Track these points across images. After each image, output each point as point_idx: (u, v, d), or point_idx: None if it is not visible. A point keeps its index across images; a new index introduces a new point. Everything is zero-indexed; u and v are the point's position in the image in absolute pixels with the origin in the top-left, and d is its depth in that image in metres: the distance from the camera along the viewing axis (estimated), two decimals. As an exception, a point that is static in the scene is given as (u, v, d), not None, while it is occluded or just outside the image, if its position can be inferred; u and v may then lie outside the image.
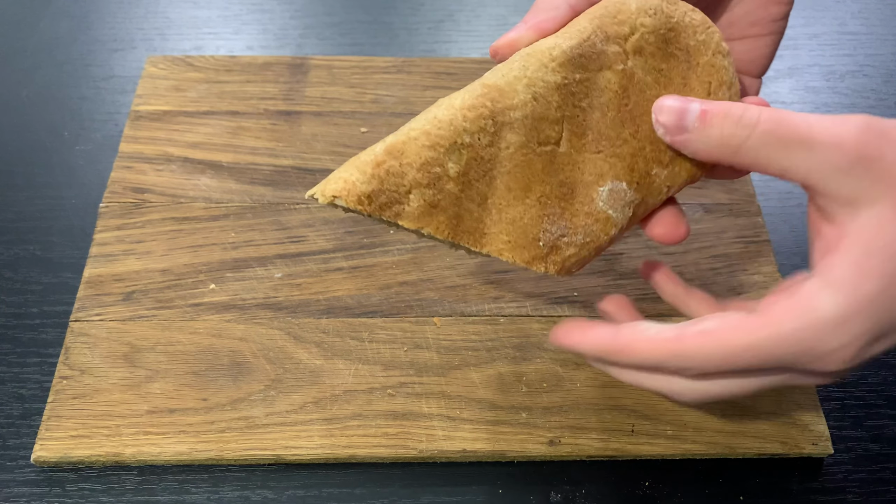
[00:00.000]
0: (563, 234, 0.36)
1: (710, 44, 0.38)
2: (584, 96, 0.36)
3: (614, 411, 0.48)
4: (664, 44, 0.37)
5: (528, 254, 0.36)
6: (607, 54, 0.36)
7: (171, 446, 0.46)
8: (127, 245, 0.55)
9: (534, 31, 0.37)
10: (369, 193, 0.35)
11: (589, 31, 0.36)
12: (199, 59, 0.66)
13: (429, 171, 0.35)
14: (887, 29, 0.74)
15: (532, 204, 0.36)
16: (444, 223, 0.36)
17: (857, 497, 0.47)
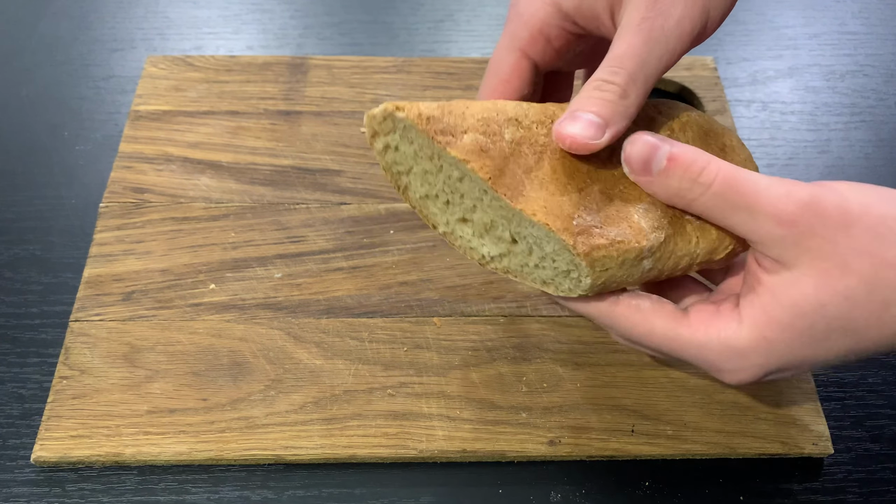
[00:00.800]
0: (596, 225, 0.36)
1: (744, 152, 0.41)
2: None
3: (614, 411, 0.48)
4: (705, 136, 0.40)
5: (561, 224, 0.36)
6: (656, 123, 0.40)
7: (171, 446, 0.46)
8: (127, 245, 0.55)
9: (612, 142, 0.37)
10: (429, 116, 0.36)
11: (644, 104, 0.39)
12: (199, 59, 0.66)
13: (487, 126, 0.36)
14: (887, 29, 0.74)
15: (573, 191, 0.36)
16: (488, 166, 0.36)
17: (856, 497, 0.47)
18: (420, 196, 0.39)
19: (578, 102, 0.36)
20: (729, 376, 0.36)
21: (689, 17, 0.36)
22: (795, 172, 0.62)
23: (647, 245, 0.36)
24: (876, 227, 0.32)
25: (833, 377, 0.51)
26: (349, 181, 0.59)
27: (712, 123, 0.42)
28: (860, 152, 0.64)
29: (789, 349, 0.34)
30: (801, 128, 0.66)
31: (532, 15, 0.40)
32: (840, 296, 0.32)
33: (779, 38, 0.73)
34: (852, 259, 0.32)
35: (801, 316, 0.33)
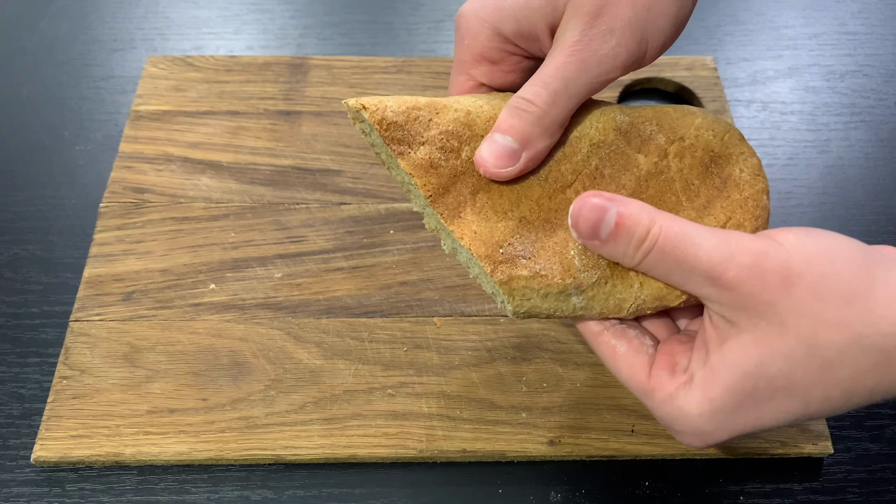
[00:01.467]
0: (524, 255, 0.37)
1: (752, 188, 0.38)
2: (610, 163, 0.38)
3: (614, 411, 0.48)
4: (709, 163, 0.39)
5: (485, 250, 0.36)
6: (652, 143, 0.38)
7: (171, 446, 0.46)
8: (127, 245, 0.55)
9: (529, 167, 0.38)
10: (391, 122, 0.37)
11: (650, 116, 0.39)
12: (199, 59, 0.66)
13: (448, 140, 0.37)
14: (887, 29, 0.74)
15: (512, 218, 0.37)
16: (432, 184, 0.37)
17: (856, 497, 0.47)
18: (395, 174, 0.40)
19: (499, 122, 0.37)
20: (681, 437, 0.36)
21: (624, 46, 0.36)
22: (795, 172, 0.62)
23: (571, 283, 0.36)
24: (817, 286, 0.31)
25: (833, 377, 0.51)
26: (349, 181, 0.59)
27: (728, 146, 0.39)
28: (860, 152, 0.64)
29: (735, 412, 0.34)
30: (801, 128, 0.66)
31: (472, 39, 0.40)
32: (780, 355, 0.32)
33: (779, 38, 0.73)
34: (791, 319, 0.32)
35: (744, 376, 0.33)
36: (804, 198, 0.61)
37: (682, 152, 0.39)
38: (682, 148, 0.39)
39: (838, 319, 0.31)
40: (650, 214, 0.34)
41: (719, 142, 0.39)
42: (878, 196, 0.61)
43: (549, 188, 0.38)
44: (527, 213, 0.37)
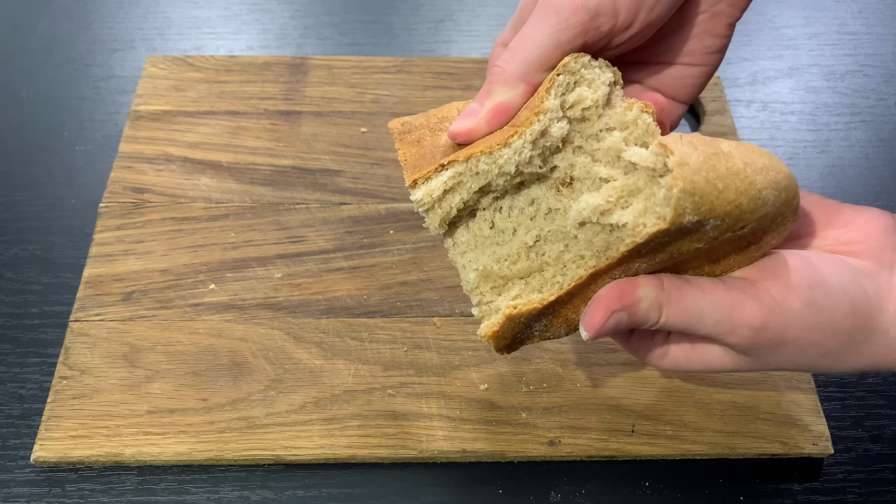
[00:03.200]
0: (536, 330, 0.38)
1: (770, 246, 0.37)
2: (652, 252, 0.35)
3: (614, 411, 0.48)
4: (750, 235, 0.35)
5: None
6: (701, 231, 0.34)
7: (171, 446, 0.46)
8: (127, 245, 0.55)
9: (491, 119, 0.37)
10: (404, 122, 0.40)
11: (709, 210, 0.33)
12: (199, 59, 0.66)
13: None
14: (887, 29, 0.74)
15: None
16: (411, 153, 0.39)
17: (857, 497, 0.47)
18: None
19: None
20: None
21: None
22: (796, 172, 0.62)
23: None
24: (802, 349, 0.36)
25: (833, 377, 0.51)
26: (349, 181, 0.59)
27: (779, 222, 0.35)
28: (860, 152, 0.64)
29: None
30: (801, 128, 0.66)
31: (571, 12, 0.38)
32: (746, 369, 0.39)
33: (779, 38, 0.73)
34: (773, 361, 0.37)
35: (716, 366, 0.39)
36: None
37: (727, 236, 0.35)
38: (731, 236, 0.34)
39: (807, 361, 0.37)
40: (658, 308, 0.35)
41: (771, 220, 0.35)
42: (879, 196, 0.61)
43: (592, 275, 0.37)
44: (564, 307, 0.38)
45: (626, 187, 0.34)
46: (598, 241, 0.35)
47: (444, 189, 0.36)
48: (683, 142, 0.32)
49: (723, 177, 0.32)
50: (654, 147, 0.32)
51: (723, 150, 0.33)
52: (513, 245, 0.37)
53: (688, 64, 0.42)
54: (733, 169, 0.32)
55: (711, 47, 0.41)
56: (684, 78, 0.42)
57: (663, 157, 0.32)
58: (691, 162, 0.31)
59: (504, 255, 0.37)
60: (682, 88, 0.43)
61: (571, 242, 0.36)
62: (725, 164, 0.32)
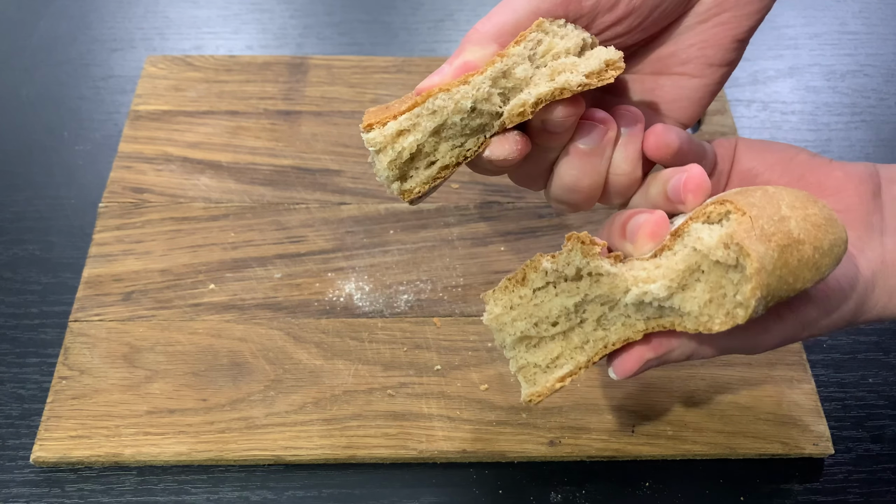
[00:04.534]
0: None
1: None
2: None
3: (614, 411, 0.48)
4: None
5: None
6: None
7: (171, 447, 0.46)
8: (126, 245, 0.54)
9: (458, 73, 0.36)
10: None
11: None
12: (199, 59, 0.66)
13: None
14: (888, 28, 0.74)
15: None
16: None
17: (857, 497, 0.47)
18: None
19: None
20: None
21: None
22: (796, 172, 0.62)
23: None
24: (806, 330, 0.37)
25: (833, 377, 0.51)
26: (349, 181, 0.59)
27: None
28: (860, 152, 0.64)
29: None
30: (802, 128, 0.66)
31: None
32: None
33: (779, 37, 0.73)
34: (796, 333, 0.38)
35: None
36: (805, 198, 0.61)
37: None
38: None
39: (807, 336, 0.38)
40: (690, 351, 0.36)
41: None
42: (879, 196, 0.61)
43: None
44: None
45: (688, 269, 0.33)
46: (649, 310, 0.34)
47: (399, 129, 0.35)
48: (755, 231, 0.31)
49: (794, 270, 0.32)
50: (723, 237, 0.31)
51: (793, 236, 0.32)
52: (553, 307, 0.36)
53: (686, 74, 0.40)
54: (804, 259, 0.32)
55: (713, 59, 0.39)
56: (682, 91, 0.40)
57: (736, 255, 0.31)
58: (767, 264, 0.31)
59: (543, 317, 0.36)
60: (680, 104, 0.40)
61: (618, 307, 0.35)
62: (797, 255, 0.32)
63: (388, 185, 0.36)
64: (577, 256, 0.35)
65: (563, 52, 0.35)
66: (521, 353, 0.37)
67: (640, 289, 0.34)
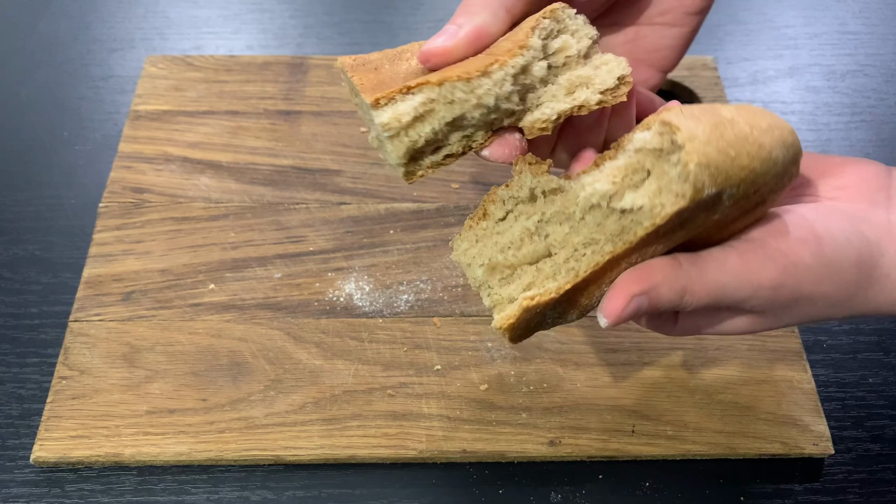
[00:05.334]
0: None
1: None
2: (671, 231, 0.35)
3: (614, 411, 0.48)
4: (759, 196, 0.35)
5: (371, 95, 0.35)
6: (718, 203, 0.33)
7: (171, 447, 0.46)
8: (126, 245, 0.54)
9: (470, 41, 0.36)
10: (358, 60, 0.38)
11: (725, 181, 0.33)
12: (199, 59, 0.66)
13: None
14: (888, 28, 0.74)
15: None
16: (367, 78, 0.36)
17: (857, 497, 0.47)
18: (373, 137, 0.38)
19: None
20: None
21: None
22: (796, 172, 0.62)
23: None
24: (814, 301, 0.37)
25: (833, 377, 0.51)
26: (349, 181, 0.59)
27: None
28: (860, 152, 0.64)
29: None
30: (802, 128, 0.66)
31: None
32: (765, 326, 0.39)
33: (779, 37, 0.73)
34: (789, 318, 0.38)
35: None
36: (805, 198, 0.61)
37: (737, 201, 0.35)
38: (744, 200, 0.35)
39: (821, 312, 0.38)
40: (681, 290, 0.35)
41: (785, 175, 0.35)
42: (879, 196, 0.61)
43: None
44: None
45: (629, 166, 0.33)
46: (610, 225, 0.34)
47: (415, 115, 0.34)
48: (686, 115, 0.31)
49: (733, 143, 0.31)
50: (657, 127, 0.31)
51: (726, 117, 0.32)
52: (515, 231, 0.36)
53: (666, 24, 0.41)
54: (741, 134, 0.32)
55: (690, 7, 0.41)
56: (663, 40, 0.42)
57: (669, 136, 0.31)
58: (699, 134, 0.31)
59: (507, 243, 0.36)
60: (661, 52, 0.42)
61: (578, 224, 0.35)
62: (732, 130, 0.32)
63: (395, 167, 0.36)
64: (528, 178, 0.35)
65: (575, 54, 0.36)
66: (495, 288, 0.37)
67: (587, 190, 0.34)
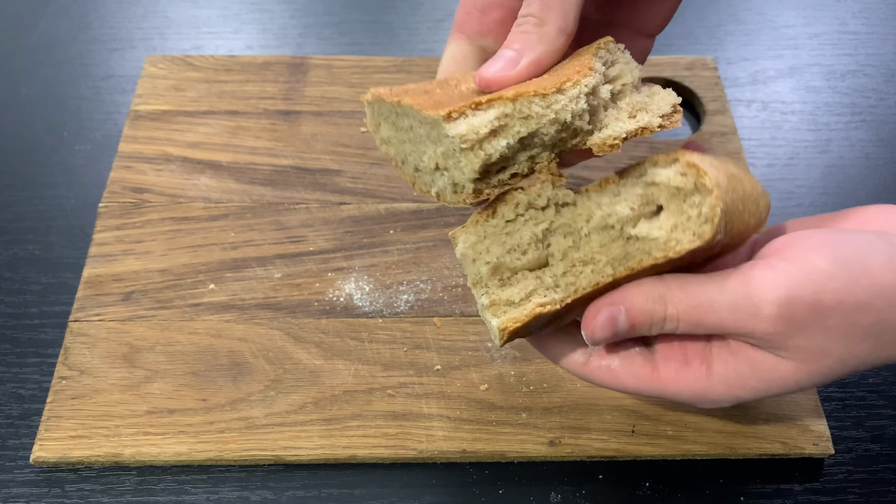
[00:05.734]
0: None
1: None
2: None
3: (614, 411, 0.48)
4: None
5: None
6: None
7: (171, 447, 0.46)
8: (126, 245, 0.54)
9: (531, 72, 0.36)
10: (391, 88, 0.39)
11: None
12: (199, 59, 0.66)
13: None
14: (888, 28, 0.74)
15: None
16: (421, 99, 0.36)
17: (857, 497, 0.47)
18: (411, 171, 0.39)
19: (507, 38, 0.36)
20: (702, 407, 0.39)
21: None
22: (796, 172, 0.62)
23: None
24: (850, 315, 0.32)
25: (834, 377, 0.51)
26: (349, 181, 0.59)
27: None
28: (860, 152, 0.64)
29: (760, 397, 0.36)
30: (802, 127, 0.66)
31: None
32: (816, 374, 0.34)
33: (779, 37, 0.73)
34: (829, 345, 0.33)
35: (777, 388, 0.35)
36: (805, 198, 0.61)
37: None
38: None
39: (869, 335, 0.32)
40: (660, 300, 0.34)
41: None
42: (879, 196, 0.61)
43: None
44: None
45: (644, 196, 0.34)
46: (615, 248, 0.35)
47: (491, 128, 0.33)
48: (706, 162, 0.33)
49: (742, 199, 0.33)
50: (680, 167, 0.33)
51: (734, 173, 0.34)
52: (523, 235, 0.36)
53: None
54: (747, 191, 0.34)
55: None
56: (656, 9, 0.42)
57: (694, 178, 0.32)
58: (722, 183, 0.32)
59: (514, 245, 0.36)
60: (652, 21, 0.42)
61: (582, 241, 0.35)
62: (741, 186, 0.34)
63: (460, 187, 0.36)
64: (549, 189, 0.35)
65: (630, 83, 0.37)
66: (493, 289, 0.37)
67: (604, 210, 0.35)
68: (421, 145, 0.37)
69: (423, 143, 0.36)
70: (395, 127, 0.38)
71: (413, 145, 0.37)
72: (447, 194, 0.37)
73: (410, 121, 0.37)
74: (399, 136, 0.38)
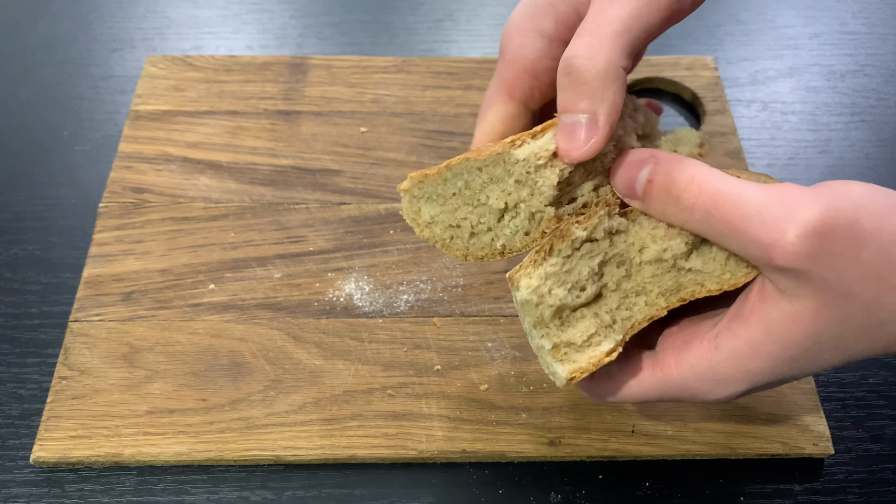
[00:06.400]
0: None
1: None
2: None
3: (614, 412, 0.48)
4: None
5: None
6: None
7: (171, 447, 0.46)
8: (126, 245, 0.54)
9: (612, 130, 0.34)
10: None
11: None
12: (199, 59, 0.66)
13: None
14: (888, 28, 0.74)
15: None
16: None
17: (857, 497, 0.47)
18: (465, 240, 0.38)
19: (558, 103, 0.33)
20: (711, 399, 0.36)
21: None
22: (796, 172, 0.62)
23: None
24: (887, 249, 0.29)
25: (833, 377, 0.51)
26: (349, 181, 0.59)
27: None
28: (860, 152, 0.64)
29: (773, 373, 0.33)
30: (802, 128, 0.66)
31: (516, 51, 0.38)
32: (837, 322, 0.31)
33: (779, 37, 0.73)
34: (857, 285, 0.29)
35: (794, 347, 0.32)
36: (805, 198, 0.61)
37: None
38: None
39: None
40: (690, 171, 0.31)
41: None
42: (879, 196, 0.61)
43: None
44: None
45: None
46: (667, 280, 0.35)
47: (553, 150, 0.34)
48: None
49: None
50: None
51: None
52: (582, 271, 0.35)
53: None
54: None
55: None
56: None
57: None
58: None
59: (574, 283, 0.35)
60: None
61: (634, 269, 0.35)
62: None
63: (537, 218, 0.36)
64: (606, 220, 0.35)
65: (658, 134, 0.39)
66: (553, 329, 0.35)
67: (660, 245, 0.34)
68: (482, 194, 0.36)
69: (486, 189, 0.36)
70: (440, 199, 0.37)
71: (469, 203, 0.37)
72: (517, 239, 0.36)
73: (464, 178, 0.36)
74: (447, 207, 0.37)
